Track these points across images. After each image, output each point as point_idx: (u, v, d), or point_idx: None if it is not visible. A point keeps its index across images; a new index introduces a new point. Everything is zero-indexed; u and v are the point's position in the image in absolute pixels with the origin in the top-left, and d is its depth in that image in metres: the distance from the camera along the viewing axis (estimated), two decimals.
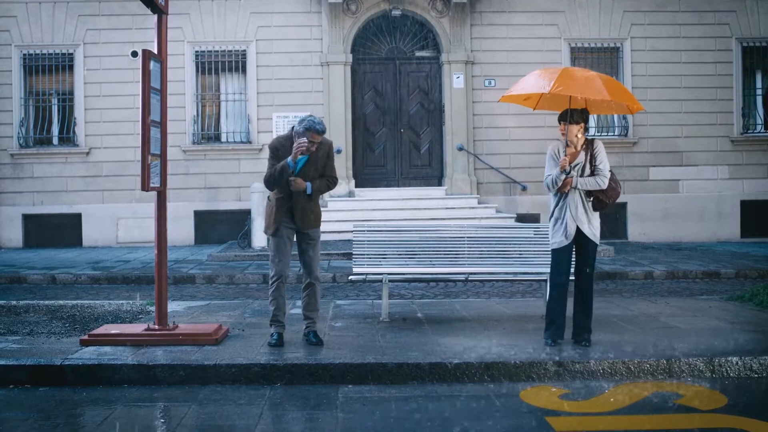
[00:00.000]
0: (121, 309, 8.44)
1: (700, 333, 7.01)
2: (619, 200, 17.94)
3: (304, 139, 6.36)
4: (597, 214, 6.64)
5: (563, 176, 6.48)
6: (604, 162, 6.55)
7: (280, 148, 6.58)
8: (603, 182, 6.50)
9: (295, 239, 6.75)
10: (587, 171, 6.53)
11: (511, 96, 7.08)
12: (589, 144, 6.62)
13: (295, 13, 16.57)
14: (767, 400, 5.52)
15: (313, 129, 6.41)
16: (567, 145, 6.56)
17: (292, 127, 6.59)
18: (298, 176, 6.50)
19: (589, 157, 6.55)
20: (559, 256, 6.64)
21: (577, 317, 6.66)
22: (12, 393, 5.73)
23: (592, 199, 6.55)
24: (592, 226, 6.58)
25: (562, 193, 6.57)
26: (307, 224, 6.65)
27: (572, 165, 6.52)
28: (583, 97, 6.59)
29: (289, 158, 6.41)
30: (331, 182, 6.73)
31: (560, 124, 6.61)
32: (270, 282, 6.73)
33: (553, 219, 6.67)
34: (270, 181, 6.56)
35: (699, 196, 16.92)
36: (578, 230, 6.54)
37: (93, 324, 7.49)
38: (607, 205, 6.60)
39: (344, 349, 6.47)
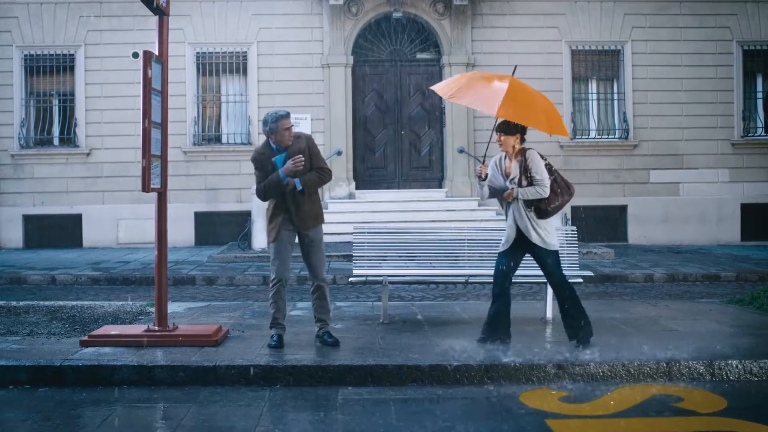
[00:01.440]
0: (121, 310, 8.44)
1: (700, 336, 7.01)
2: (619, 203, 17.88)
3: (301, 157, 6.42)
4: (548, 219, 6.61)
5: (484, 183, 6.55)
6: (539, 172, 6.49)
7: (260, 158, 6.61)
8: (544, 191, 6.47)
9: (297, 242, 6.75)
10: (524, 181, 6.52)
11: (456, 100, 6.87)
12: (522, 155, 6.61)
13: (296, 15, 16.59)
14: (767, 404, 5.51)
15: (283, 117, 6.49)
16: (507, 156, 6.62)
17: (267, 138, 6.63)
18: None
19: (522, 169, 6.54)
20: (498, 259, 6.73)
21: (563, 320, 6.70)
22: (12, 393, 5.73)
23: (533, 207, 6.53)
24: (539, 233, 6.53)
25: (507, 202, 6.60)
26: (306, 223, 6.63)
27: (510, 178, 6.53)
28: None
29: (281, 171, 6.44)
30: (323, 174, 6.64)
31: (496, 134, 6.61)
32: (270, 285, 6.73)
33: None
34: (265, 194, 6.59)
35: (699, 199, 16.92)
36: (526, 238, 6.54)
37: (93, 325, 7.49)
38: (549, 212, 6.54)
39: (344, 350, 6.47)
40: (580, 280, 8.17)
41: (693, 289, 11.11)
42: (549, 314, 7.80)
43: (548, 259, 6.61)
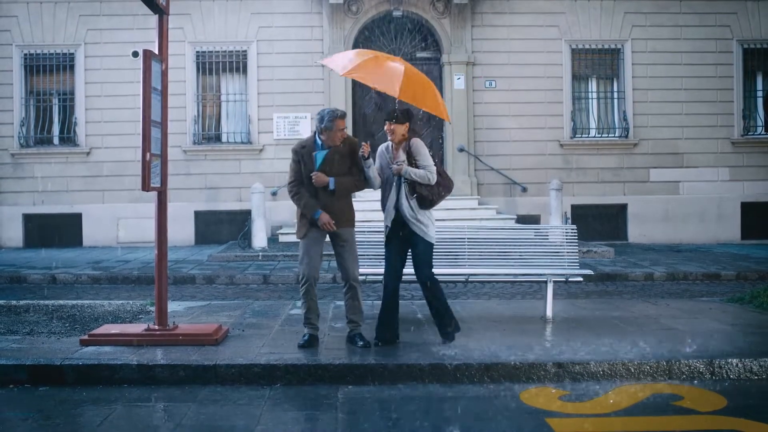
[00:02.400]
0: (121, 309, 8.44)
1: (700, 335, 7.01)
2: (619, 201, 17.90)
3: (332, 222, 6.45)
4: (430, 211, 6.60)
5: (370, 163, 6.48)
6: (425, 159, 6.50)
7: (301, 151, 6.60)
8: (432, 177, 6.46)
9: (329, 240, 6.70)
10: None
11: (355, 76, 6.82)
12: (407, 141, 6.63)
13: (296, 14, 16.59)
14: (767, 402, 5.51)
15: (339, 117, 6.48)
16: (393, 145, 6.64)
17: (314, 131, 6.63)
18: (320, 171, 6.49)
19: (407, 155, 6.54)
20: (386, 254, 6.74)
21: (434, 318, 6.70)
22: (12, 393, 5.73)
23: (415, 196, 6.50)
24: (420, 222, 6.52)
25: (389, 184, 6.57)
26: (337, 222, 6.52)
27: (397, 161, 6.52)
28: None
29: (318, 214, 6.45)
30: (359, 182, 6.56)
31: (387, 123, 6.62)
32: (300, 284, 6.68)
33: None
34: (293, 199, 6.65)
35: (699, 197, 16.92)
36: (407, 226, 6.51)
37: (93, 324, 7.50)
38: (432, 201, 6.51)
39: (344, 349, 6.48)
40: (581, 278, 8.19)
41: (693, 288, 11.11)
42: (549, 313, 7.80)
43: (424, 251, 6.58)
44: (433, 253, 7.66)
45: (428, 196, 6.48)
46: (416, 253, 6.59)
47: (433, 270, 6.96)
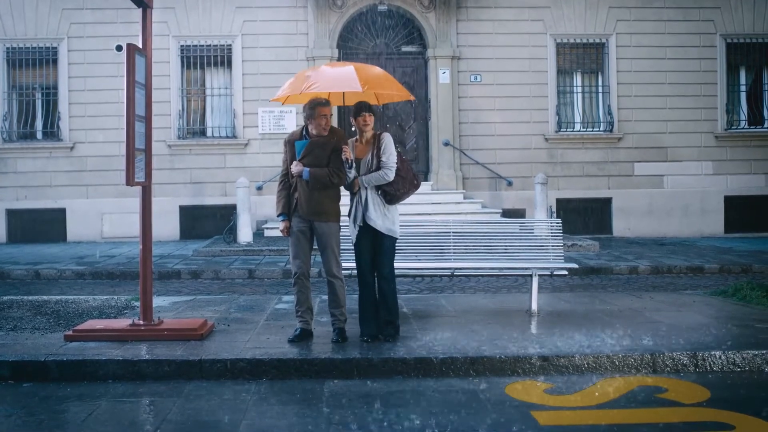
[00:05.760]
0: (106, 304, 8.41)
1: (684, 328, 7.06)
2: (604, 195, 17.98)
3: (301, 169, 6.42)
4: (395, 206, 6.64)
5: (351, 172, 6.51)
6: (388, 154, 6.53)
7: (290, 139, 6.70)
8: (388, 175, 6.48)
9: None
10: (374, 165, 6.55)
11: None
12: (376, 138, 6.64)
13: (281, 8, 16.53)
14: (750, 394, 5.55)
15: (321, 104, 6.51)
16: (357, 141, 6.69)
17: (305, 123, 6.64)
18: (300, 161, 6.49)
19: (375, 152, 6.57)
20: (357, 253, 6.69)
21: (380, 310, 6.66)
22: None
23: (380, 192, 6.54)
24: (385, 219, 6.54)
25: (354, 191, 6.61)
26: (311, 213, 6.50)
27: (364, 160, 6.57)
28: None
29: (283, 215, 6.63)
30: (332, 174, 6.43)
31: (360, 116, 6.61)
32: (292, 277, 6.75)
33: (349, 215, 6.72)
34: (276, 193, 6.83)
35: (683, 191, 17.02)
36: (375, 223, 6.52)
37: (77, 319, 7.46)
38: (398, 197, 6.56)
39: (330, 344, 6.48)
40: (566, 272, 8.23)
41: (677, 281, 11.18)
42: (534, 306, 7.83)
43: (390, 246, 6.62)
44: (419, 247, 7.69)
45: (391, 191, 6.51)
46: (383, 251, 6.61)
47: (419, 264, 6.94)
